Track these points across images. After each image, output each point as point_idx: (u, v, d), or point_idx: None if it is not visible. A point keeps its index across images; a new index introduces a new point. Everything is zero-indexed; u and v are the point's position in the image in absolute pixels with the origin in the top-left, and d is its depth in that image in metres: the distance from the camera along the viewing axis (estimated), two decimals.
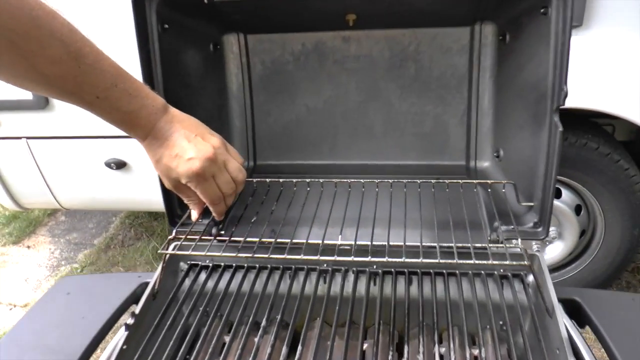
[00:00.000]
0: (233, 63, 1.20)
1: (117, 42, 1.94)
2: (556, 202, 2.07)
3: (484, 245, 1.00)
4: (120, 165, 2.22)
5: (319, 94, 1.19)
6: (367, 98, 1.18)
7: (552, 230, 2.12)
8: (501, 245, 1.01)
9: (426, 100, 1.15)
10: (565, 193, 2.08)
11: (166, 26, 1.02)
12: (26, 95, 2.15)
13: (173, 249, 1.07)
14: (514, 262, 0.91)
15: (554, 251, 2.17)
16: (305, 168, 1.21)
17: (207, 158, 0.84)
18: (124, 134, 2.07)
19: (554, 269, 2.24)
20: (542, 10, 0.89)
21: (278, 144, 1.24)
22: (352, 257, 0.93)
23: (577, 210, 2.10)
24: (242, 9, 1.06)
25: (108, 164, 2.23)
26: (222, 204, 0.94)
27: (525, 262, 0.92)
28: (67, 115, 2.17)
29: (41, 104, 2.16)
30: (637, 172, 1.97)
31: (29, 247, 3.13)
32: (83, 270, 2.73)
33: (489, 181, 1.01)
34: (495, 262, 0.93)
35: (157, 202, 2.33)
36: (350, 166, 1.21)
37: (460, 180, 1.02)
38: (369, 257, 0.95)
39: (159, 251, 1.06)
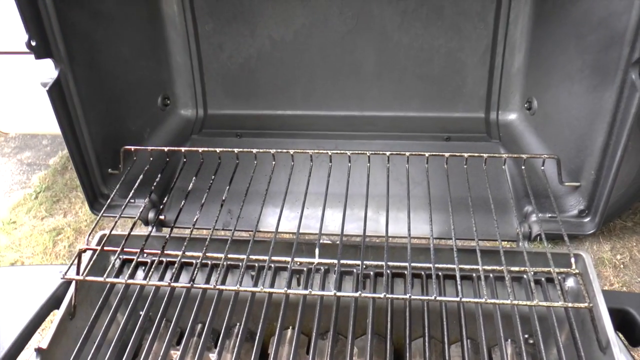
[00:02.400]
0: None
1: None
2: None
3: (512, 239, 0.75)
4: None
5: (288, 22, 0.86)
6: (354, 27, 0.85)
7: None
8: (535, 238, 0.76)
9: (436, 31, 0.84)
10: None
11: None
12: None
13: (99, 243, 0.79)
14: (556, 269, 0.66)
15: None
16: (271, 120, 0.91)
17: None
18: None
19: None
20: None
21: (235, 88, 0.93)
22: (338, 259, 0.67)
23: None
24: None
25: (45, 84, 1.87)
26: None
27: (573, 269, 0.66)
28: None
29: None
30: None
31: None
32: (38, 196, 2.45)
33: (523, 156, 0.73)
34: (527, 257, 0.68)
35: None
36: (330, 118, 0.91)
37: (484, 155, 0.73)
38: (360, 259, 0.69)
39: (78, 247, 0.78)
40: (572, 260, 0.70)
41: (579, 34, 0.70)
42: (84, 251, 0.77)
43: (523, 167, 0.75)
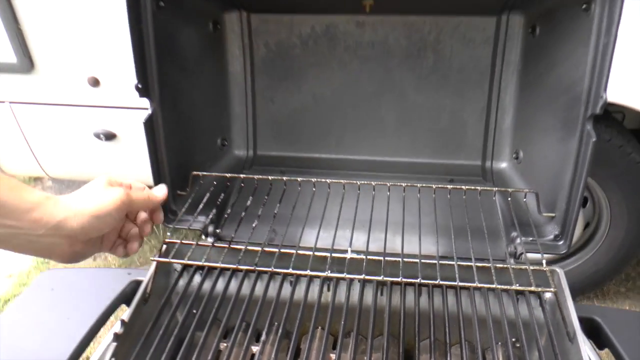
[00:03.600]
0: (234, 44, 1.10)
1: (107, 22, 1.83)
2: None
3: (502, 258, 0.94)
4: (109, 136, 2.11)
5: (327, 82, 1.09)
6: (379, 89, 1.08)
7: None
8: (519, 257, 0.95)
9: (444, 94, 1.06)
10: None
11: (161, 4, 0.92)
12: (9, 57, 2.03)
13: (166, 254, 0.99)
14: (533, 279, 0.85)
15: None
16: (309, 161, 1.13)
17: None
18: (115, 104, 1.95)
19: (556, 260, 2.19)
20: (583, 7, 0.80)
21: (281, 134, 1.15)
22: (364, 275, 0.86)
23: (584, 202, 2.03)
24: None
25: (97, 135, 2.12)
26: None
27: (552, 288, 0.85)
28: (53, 80, 2.05)
29: (25, 67, 2.04)
30: None
31: None
32: None
33: (509, 189, 0.93)
34: (513, 272, 0.87)
35: (146, 175, 2.24)
36: (358, 162, 1.12)
37: (478, 187, 0.94)
38: (382, 275, 0.89)
39: (150, 258, 0.97)
40: (548, 274, 0.88)
41: (552, 97, 0.92)
42: (165, 243, 0.97)
43: (509, 199, 0.95)
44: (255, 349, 1.01)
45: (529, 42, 0.98)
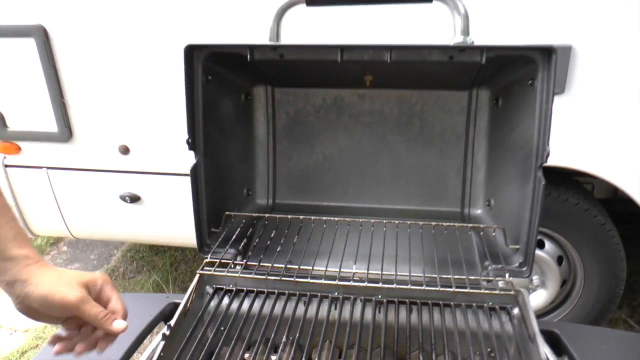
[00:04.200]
0: (260, 112, 1.37)
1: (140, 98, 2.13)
2: (539, 252, 2.23)
3: (476, 278, 1.16)
4: (134, 199, 2.36)
5: (335, 143, 1.36)
6: (377, 149, 1.34)
7: (535, 278, 2.27)
8: (491, 280, 1.17)
9: (428, 153, 1.32)
10: (548, 244, 2.24)
11: (209, 78, 1.19)
12: (52, 127, 2.31)
13: (200, 280, 1.20)
14: (502, 292, 1.07)
15: (537, 299, 2.31)
16: (318, 208, 1.37)
17: None
18: (141, 169, 2.22)
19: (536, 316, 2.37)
20: (529, 82, 1.07)
21: (296, 186, 1.40)
22: (364, 296, 1.08)
23: (559, 260, 2.26)
24: (273, 65, 1.23)
25: (123, 197, 2.37)
26: None
27: (512, 292, 1.07)
28: (88, 148, 2.32)
29: (65, 137, 2.31)
30: (613, 227, 2.14)
31: None
32: None
33: (481, 225, 1.17)
34: (485, 294, 1.09)
35: (167, 236, 2.47)
36: (359, 208, 1.36)
37: (456, 224, 1.18)
38: (379, 295, 1.11)
39: (197, 271, 1.18)
40: (515, 294, 1.11)
41: (512, 154, 1.18)
42: (203, 267, 1.18)
43: (482, 234, 1.19)
44: (273, 358, 1.20)
45: (494, 111, 1.26)
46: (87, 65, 2.17)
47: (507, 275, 1.11)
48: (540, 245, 2.24)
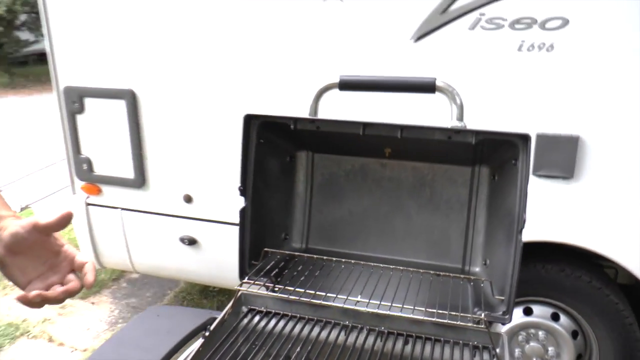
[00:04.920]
0: (301, 172, 1.68)
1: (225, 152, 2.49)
2: (554, 324, 2.39)
3: (467, 322, 1.39)
4: (192, 242, 2.69)
5: (359, 202, 1.64)
6: (393, 210, 1.62)
7: (551, 349, 2.42)
8: (478, 322, 1.38)
9: (436, 217, 1.58)
10: (563, 318, 2.39)
11: (261, 141, 1.51)
12: (129, 174, 2.71)
13: (238, 300, 1.48)
14: (481, 330, 1.29)
15: None
16: (342, 254, 1.63)
17: None
18: (200, 217, 2.58)
19: None
20: (513, 162, 1.33)
21: (325, 234, 1.68)
22: (369, 326, 1.33)
23: (574, 335, 2.40)
24: (312, 135, 1.54)
25: (182, 240, 2.70)
26: None
27: (494, 332, 1.30)
28: (157, 195, 2.69)
29: (139, 183, 2.70)
30: (627, 307, 2.29)
31: (93, 303, 3.60)
32: None
33: (472, 277, 1.41)
34: (471, 333, 1.32)
35: (218, 278, 2.77)
36: (375, 257, 1.62)
37: (451, 274, 1.42)
38: (382, 327, 1.36)
39: (235, 287, 1.46)
40: (496, 336, 1.32)
41: (503, 221, 1.42)
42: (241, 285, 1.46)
43: (471, 284, 1.42)
44: None
45: (492, 185, 1.51)
46: (164, 124, 2.57)
47: (484, 316, 1.33)
48: (555, 318, 2.40)
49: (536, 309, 2.43)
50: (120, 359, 1.39)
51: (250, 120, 1.45)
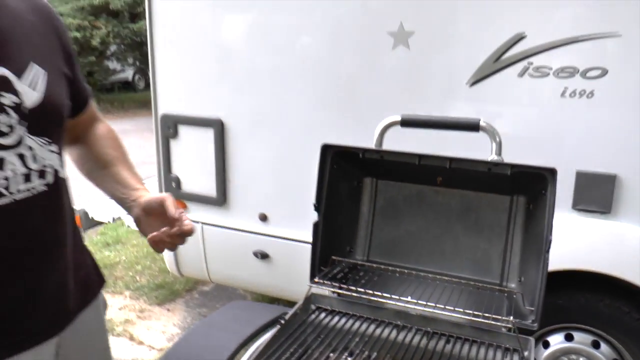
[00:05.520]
0: (367, 196, 1.99)
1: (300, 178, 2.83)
2: (594, 352, 2.56)
3: (500, 327, 1.64)
4: (264, 256, 3.03)
5: (414, 224, 1.93)
6: (443, 231, 1.89)
7: None
8: (510, 328, 1.63)
9: (479, 239, 1.85)
10: (603, 346, 2.56)
11: (334, 167, 1.83)
12: (212, 193, 3.09)
13: (308, 299, 1.79)
14: (513, 334, 1.55)
15: None
16: (398, 267, 1.92)
17: None
18: (273, 233, 2.93)
19: None
20: (543, 192, 1.59)
21: (385, 250, 1.97)
22: (416, 326, 1.61)
23: None
24: (377, 163, 1.85)
25: (255, 254, 3.05)
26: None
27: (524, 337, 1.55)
28: (236, 212, 3.06)
29: (220, 201, 3.08)
30: None
31: (168, 309, 4.01)
32: None
33: (506, 289, 1.67)
34: (504, 336, 1.57)
35: (286, 291, 3.09)
36: (427, 271, 1.89)
37: (488, 286, 1.69)
38: (428, 327, 1.63)
39: (307, 283, 1.77)
40: (526, 341, 1.57)
41: (535, 243, 1.67)
42: (311, 286, 1.76)
43: (506, 296, 1.67)
44: None
45: (527, 212, 1.77)
46: (247, 150, 2.95)
47: (515, 323, 1.58)
48: (596, 345, 2.57)
49: (577, 335, 2.61)
50: (211, 337, 1.72)
51: (326, 149, 1.77)
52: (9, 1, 1.21)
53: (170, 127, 3.12)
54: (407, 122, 1.80)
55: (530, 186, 1.72)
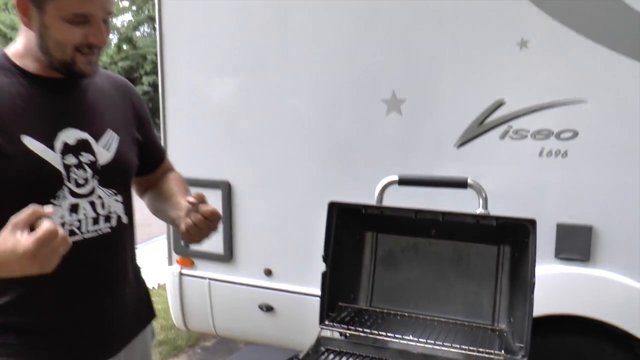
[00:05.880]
0: (368, 248, 2.20)
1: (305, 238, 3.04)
2: None
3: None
4: (269, 308, 3.20)
5: (411, 272, 2.13)
6: (438, 278, 2.10)
7: None
8: None
9: (471, 284, 2.05)
10: None
11: (339, 222, 2.05)
12: (219, 250, 3.29)
13: (318, 341, 1.97)
14: None
15: None
16: (399, 311, 2.11)
17: None
18: (278, 287, 3.14)
19: None
20: (525, 240, 1.81)
21: (385, 296, 2.16)
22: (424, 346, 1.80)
23: None
24: (377, 218, 2.07)
25: (260, 306, 3.22)
26: None
27: None
28: (242, 268, 3.25)
29: (227, 258, 3.27)
30: None
31: None
32: None
33: (497, 328, 1.86)
34: None
35: (290, 342, 3.24)
36: (425, 314, 2.09)
37: (480, 325, 1.88)
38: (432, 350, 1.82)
39: (319, 325, 1.95)
40: None
41: (522, 287, 1.88)
42: (320, 329, 1.95)
43: (497, 334, 1.87)
44: None
45: (513, 259, 1.99)
46: (253, 209, 3.17)
47: (505, 357, 1.77)
48: None
49: None
50: None
51: (332, 206, 2.00)
52: (97, 80, 1.57)
53: None
54: (404, 181, 2.04)
55: (514, 236, 1.94)
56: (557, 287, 2.55)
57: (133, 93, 1.70)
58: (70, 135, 1.44)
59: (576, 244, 2.48)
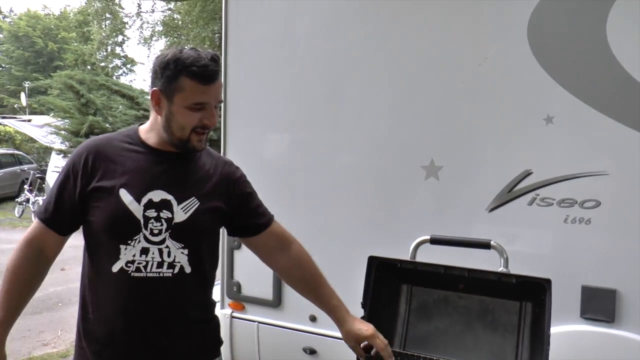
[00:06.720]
0: (402, 299, 2.46)
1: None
2: None
3: None
4: (312, 352, 3.45)
5: (442, 321, 2.38)
6: (465, 329, 2.33)
7: None
8: None
9: (495, 336, 2.28)
10: None
11: (378, 274, 2.33)
12: (268, 296, 3.59)
13: None
14: None
15: None
16: (429, 356, 2.35)
17: None
18: (320, 332, 3.38)
19: None
20: (543, 297, 2.04)
21: (418, 342, 2.41)
22: None
23: None
24: (412, 272, 2.34)
25: (304, 349, 3.48)
26: None
27: None
28: (288, 313, 3.53)
29: (275, 304, 3.56)
30: None
31: None
32: None
33: None
34: None
35: None
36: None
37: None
38: None
39: None
40: None
41: (542, 339, 2.10)
42: None
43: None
44: None
45: (534, 314, 2.21)
46: None
47: None
48: None
49: None
50: None
51: (372, 260, 2.29)
52: (203, 157, 1.97)
53: (235, 241, 3.69)
54: (435, 241, 2.32)
55: (534, 294, 2.18)
56: (582, 346, 2.73)
57: (232, 173, 2.05)
58: (157, 195, 1.81)
59: (601, 305, 2.66)
